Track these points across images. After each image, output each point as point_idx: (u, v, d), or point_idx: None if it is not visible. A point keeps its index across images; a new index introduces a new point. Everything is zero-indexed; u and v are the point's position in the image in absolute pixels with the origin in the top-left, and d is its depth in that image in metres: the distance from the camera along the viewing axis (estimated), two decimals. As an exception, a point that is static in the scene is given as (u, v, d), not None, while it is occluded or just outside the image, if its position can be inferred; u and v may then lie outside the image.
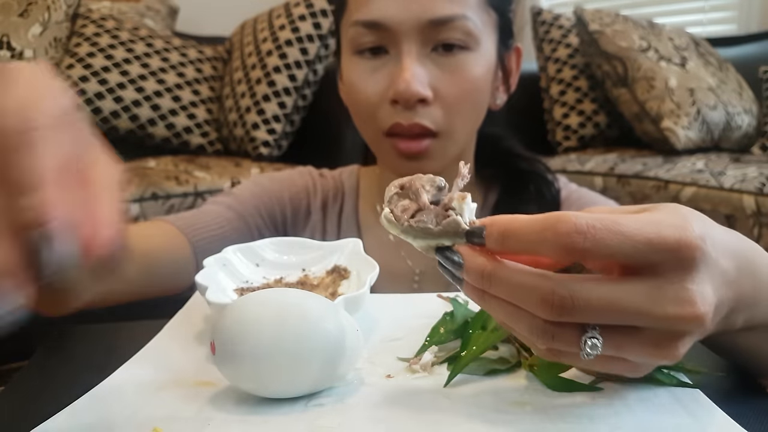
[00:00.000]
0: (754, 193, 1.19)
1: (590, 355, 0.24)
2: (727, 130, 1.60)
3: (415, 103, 0.50)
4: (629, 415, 0.26)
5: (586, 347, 0.24)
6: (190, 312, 0.40)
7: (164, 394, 0.30)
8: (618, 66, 1.60)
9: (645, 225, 0.23)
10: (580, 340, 0.24)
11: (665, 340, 0.24)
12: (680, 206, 0.25)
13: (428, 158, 0.52)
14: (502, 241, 0.25)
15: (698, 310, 0.23)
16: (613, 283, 0.23)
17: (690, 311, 0.23)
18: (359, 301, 0.35)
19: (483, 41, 0.52)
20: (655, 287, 0.23)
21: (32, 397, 0.32)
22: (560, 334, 0.24)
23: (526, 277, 0.24)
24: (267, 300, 0.29)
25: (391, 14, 0.50)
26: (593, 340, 0.23)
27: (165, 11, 1.86)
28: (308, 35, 1.54)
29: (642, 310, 0.23)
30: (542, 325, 0.24)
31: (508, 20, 0.57)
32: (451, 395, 0.29)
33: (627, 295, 0.23)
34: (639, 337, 0.24)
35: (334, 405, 0.28)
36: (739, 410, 0.27)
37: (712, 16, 2.03)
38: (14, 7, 1.50)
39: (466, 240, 0.26)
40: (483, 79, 0.53)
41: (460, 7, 0.50)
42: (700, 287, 0.23)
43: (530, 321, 0.24)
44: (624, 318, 0.23)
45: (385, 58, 0.51)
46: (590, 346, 0.24)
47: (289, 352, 0.27)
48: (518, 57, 0.60)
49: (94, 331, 0.42)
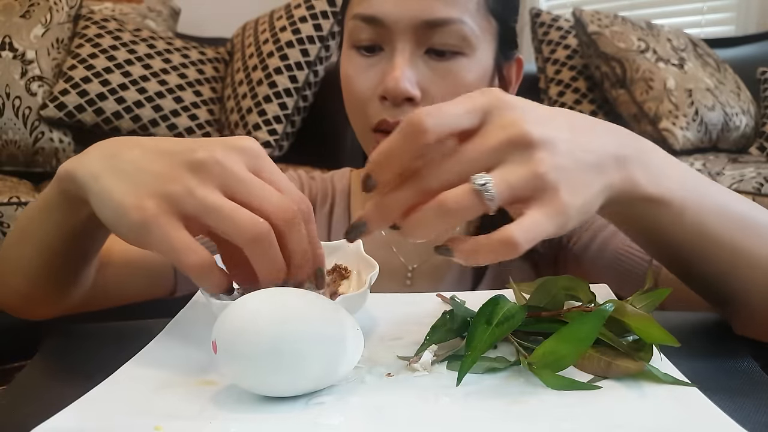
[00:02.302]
0: (752, 193, 1.19)
1: (488, 191, 0.27)
2: (725, 131, 1.60)
3: (403, 101, 0.50)
4: (628, 414, 0.27)
5: (479, 184, 0.27)
6: (191, 312, 0.40)
7: (166, 392, 0.30)
8: (616, 67, 1.61)
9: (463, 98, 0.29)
10: (471, 185, 0.27)
11: (523, 159, 0.28)
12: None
13: None
14: (384, 163, 0.28)
15: (522, 126, 0.28)
16: (457, 146, 0.29)
17: (513, 130, 0.28)
18: (359, 301, 0.36)
19: (479, 48, 0.52)
20: (483, 131, 0.28)
21: (32, 396, 0.33)
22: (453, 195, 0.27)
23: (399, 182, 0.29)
24: (268, 299, 0.29)
25: (389, 11, 0.50)
26: (476, 177, 0.27)
27: (167, 12, 1.86)
28: (309, 36, 1.54)
29: (483, 147, 0.28)
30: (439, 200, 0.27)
31: (510, 30, 0.56)
32: (450, 394, 0.29)
33: (468, 145, 0.28)
34: (503, 169, 0.28)
35: (334, 403, 0.28)
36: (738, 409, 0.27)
37: (710, 17, 2.03)
38: (16, 8, 1.51)
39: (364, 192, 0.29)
40: (475, 85, 0.52)
41: (457, 11, 0.50)
42: (518, 114, 0.29)
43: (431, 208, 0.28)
44: (476, 162, 0.28)
45: (380, 55, 0.52)
46: (479, 179, 0.27)
47: (290, 351, 0.27)
48: (519, 68, 0.59)
49: (95, 331, 0.42)
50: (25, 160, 1.47)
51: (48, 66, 1.50)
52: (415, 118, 0.27)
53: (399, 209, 0.29)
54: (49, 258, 0.40)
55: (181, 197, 0.30)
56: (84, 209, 0.35)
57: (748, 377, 0.32)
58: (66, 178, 0.35)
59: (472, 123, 0.29)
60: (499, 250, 0.27)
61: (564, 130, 0.29)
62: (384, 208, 0.29)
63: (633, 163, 0.31)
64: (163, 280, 0.52)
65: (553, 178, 0.28)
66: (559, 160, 0.28)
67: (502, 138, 0.28)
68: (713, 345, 0.37)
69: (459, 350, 0.33)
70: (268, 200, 0.31)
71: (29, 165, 1.48)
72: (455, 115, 0.28)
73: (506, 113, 0.29)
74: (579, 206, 0.29)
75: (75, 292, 0.44)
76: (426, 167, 0.28)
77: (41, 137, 1.46)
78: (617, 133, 0.32)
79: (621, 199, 0.31)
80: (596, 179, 0.30)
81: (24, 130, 1.45)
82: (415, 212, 0.28)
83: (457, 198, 0.27)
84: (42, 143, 1.46)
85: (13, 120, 1.44)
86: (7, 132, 1.44)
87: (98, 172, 0.33)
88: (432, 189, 0.28)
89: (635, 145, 0.32)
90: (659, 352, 0.31)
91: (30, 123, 1.45)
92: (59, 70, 1.51)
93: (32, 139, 1.45)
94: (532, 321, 0.33)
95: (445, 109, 0.28)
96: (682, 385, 0.29)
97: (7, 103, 1.43)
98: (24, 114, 1.45)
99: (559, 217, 0.28)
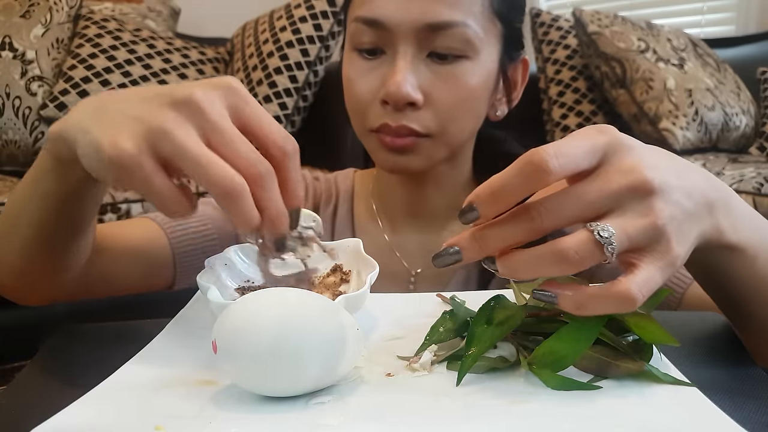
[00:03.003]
0: (752, 193, 1.19)
1: (611, 243, 0.26)
2: (725, 131, 1.60)
3: (405, 105, 0.50)
4: (628, 414, 0.27)
5: (601, 234, 0.26)
6: (191, 311, 0.40)
7: (166, 392, 0.30)
8: (616, 67, 1.61)
9: (581, 136, 0.28)
10: (593, 236, 0.26)
11: (643, 209, 0.27)
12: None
13: (414, 154, 0.52)
14: (494, 199, 0.27)
15: (643, 173, 0.27)
16: (573, 186, 0.28)
17: (634, 176, 0.27)
18: (360, 301, 0.36)
19: (483, 51, 0.51)
20: (603, 172, 0.28)
21: (33, 396, 0.33)
22: (574, 244, 0.26)
23: (507, 217, 0.28)
24: (268, 299, 0.29)
25: (390, 14, 0.49)
26: (599, 227, 0.27)
27: (167, 12, 1.86)
28: (309, 36, 1.54)
29: (602, 191, 0.27)
30: (557, 247, 0.27)
31: (515, 31, 0.56)
32: (450, 394, 0.29)
33: (586, 186, 0.28)
34: (622, 217, 0.27)
35: (334, 403, 0.28)
36: (738, 409, 0.27)
37: (710, 17, 2.03)
38: (16, 8, 1.51)
39: (462, 222, 0.28)
40: (479, 89, 0.52)
41: (460, 14, 0.49)
42: (637, 158, 0.28)
43: (547, 253, 0.27)
44: (595, 205, 0.27)
45: (382, 58, 0.51)
46: (602, 230, 0.26)
47: (290, 351, 0.27)
48: (525, 69, 0.59)
49: (95, 331, 0.42)
50: (25, 160, 1.47)
51: (48, 66, 1.50)
52: (536, 158, 0.26)
53: (502, 244, 0.28)
54: (41, 229, 0.40)
55: (158, 137, 0.30)
56: (74, 170, 0.35)
57: (748, 377, 0.32)
58: (55, 138, 0.34)
59: (591, 164, 0.28)
60: (614, 304, 0.27)
61: (673, 175, 0.29)
62: (485, 241, 0.28)
63: (720, 210, 0.31)
64: (162, 271, 0.52)
65: (668, 229, 0.27)
66: (672, 209, 0.28)
67: (623, 184, 0.27)
68: (713, 345, 0.37)
69: (459, 350, 0.33)
70: (241, 155, 0.30)
71: (29, 165, 1.46)
72: (577, 157, 0.27)
73: (626, 156, 0.28)
74: (683, 256, 0.28)
75: (70, 267, 0.44)
76: (540, 205, 0.27)
77: (41, 137, 1.46)
78: (706, 177, 0.31)
79: (705, 246, 0.31)
80: (694, 227, 0.29)
81: (24, 130, 1.45)
82: (523, 252, 0.28)
83: (577, 247, 0.26)
84: (42, 143, 1.46)
85: (13, 120, 1.44)
86: (7, 132, 1.44)
87: (86, 126, 0.32)
88: (545, 229, 0.27)
89: (721, 190, 0.32)
90: (659, 352, 0.31)
91: (30, 123, 1.45)
92: (59, 70, 1.51)
93: (32, 139, 1.45)
94: (532, 321, 0.33)
95: (566, 150, 0.27)
96: (682, 385, 0.29)
97: (7, 103, 1.43)
98: (24, 114, 1.45)
99: (669, 269, 0.28)
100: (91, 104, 0.34)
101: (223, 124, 0.31)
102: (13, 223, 0.42)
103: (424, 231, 0.59)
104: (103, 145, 0.30)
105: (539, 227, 0.27)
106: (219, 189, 0.29)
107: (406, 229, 0.60)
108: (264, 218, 0.31)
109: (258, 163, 0.30)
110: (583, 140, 0.28)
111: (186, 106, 0.30)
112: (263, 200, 0.31)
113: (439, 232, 0.59)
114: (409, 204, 0.59)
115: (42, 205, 0.39)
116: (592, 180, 0.28)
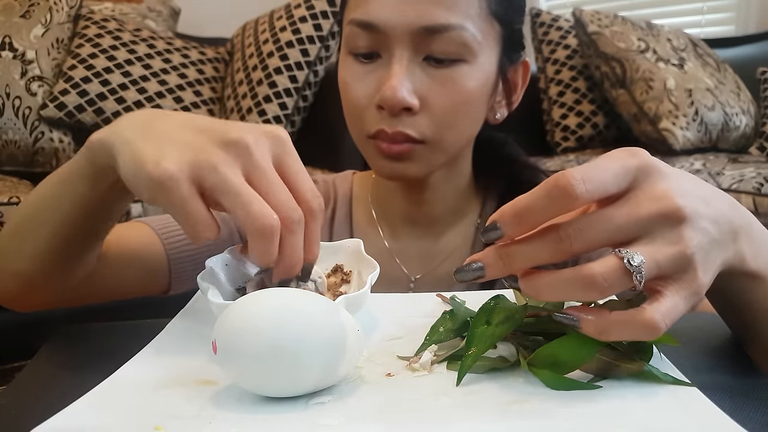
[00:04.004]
0: (752, 193, 1.19)
1: (640, 271, 0.26)
2: (725, 131, 1.60)
3: (401, 111, 0.49)
4: (628, 414, 0.27)
5: (631, 263, 0.26)
6: (191, 312, 0.40)
7: (166, 392, 0.30)
8: (616, 67, 1.61)
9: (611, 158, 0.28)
10: (623, 263, 0.26)
11: (673, 237, 0.27)
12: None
13: (411, 161, 0.51)
14: (519, 220, 0.27)
15: (673, 201, 0.27)
16: (603, 209, 0.28)
17: (665, 203, 0.27)
18: (360, 301, 0.36)
19: (481, 53, 0.50)
20: (633, 196, 0.28)
21: (32, 396, 0.33)
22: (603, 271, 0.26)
23: (534, 236, 0.27)
24: (268, 300, 0.29)
25: (386, 17, 0.48)
26: (629, 254, 0.26)
27: (167, 12, 1.86)
28: (309, 36, 1.54)
29: (632, 217, 0.27)
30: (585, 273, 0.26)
31: (515, 33, 0.54)
32: (450, 394, 0.29)
33: (616, 210, 0.27)
34: (652, 244, 0.27)
35: (334, 403, 0.28)
36: (738, 409, 0.27)
37: (710, 17, 2.03)
38: (16, 8, 1.51)
39: (484, 240, 0.28)
40: (477, 93, 0.51)
41: (458, 17, 0.48)
42: (668, 184, 0.28)
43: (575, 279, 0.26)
44: (624, 230, 0.27)
45: (378, 62, 0.50)
46: (632, 258, 0.26)
47: (290, 351, 0.27)
48: (525, 71, 0.57)
49: (95, 331, 0.42)
50: (25, 160, 1.47)
51: (48, 66, 1.50)
52: (563, 182, 0.26)
53: (527, 264, 0.28)
54: (64, 233, 0.40)
55: (204, 168, 0.31)
56: (108, 179, 0.36)
57: (748, 377, 0.32)
58: (97, 145, 0.35)
59: (620, 188, 0.28)
60: (637, 331, 0.27)
61: (702, 202, 0.28)
62: (510, 259, 0.28)
63: (743, 237, 0.30)
64: (157, 277, 0.52)
65: (696, 258, 0.27)
66: (701, 238, 0.28)
67: (653, 210, 0.27)
68: (714, 345, 0.37)
69: (459, 350, 0.33)
70: (280, 199, 0.32)
71: (29, 165, 1.48)
72: (606, 182, 0.27)
73: (657, 182, 0.28)
74: (707, 285, 0.28)
75: (76, 277, 0.44)
76: (569, 227, 0.27)
77: (41, 137, 1.46)
78: (731, 203, 0.31)
79: (727, 272, 0.30)
80: (719, 255, 0.29)
81: (24, 130, 1.45)
82: (550, 275, 0.27)
83: (606, 274, 0.26)
84: (42, 143, 1.46)
85: (13, 120, 1.44)
86: (7, 132, 1.44)
87: (130, 138, 0.33)
88: (573, 251, 0.27)
89: (744, 216, 0.31)
90: (659, 352, 0.31)
91: (30, 123, 1.45)
92: (59, 70, 1.51)
93: (32, 139, 1.45)
94: (532, 321, 0.33)
95: (594, 174, 0.27)
96: (682, 385, 0.29)
97: (7, 103, 1.43)
98: (24, 114, 1.45)
99: (694, 298, 0.28)
100: (140, 119, 0.35)
101: (268, 167, 0.32)
102: (32, 226, 0.41)
103: (424, 237, 0.59)
104: (146, 161, 0.31)
105: (567, 249, 0.27)
106: (257, 224, 0.31)
107: (406, 234, 0.59)
108: (281, 261, 0.32)
109: (294, 210, 0.32)
110: (613, 163, 0.28)
111: (236, 147, 0.32)
112: (287, 245, 0.32)
113: (439, 238, 0.59)
114: (409, 210, 0.58)
115: (68, 209, 0.39)
116: (622, 204, 0.27)
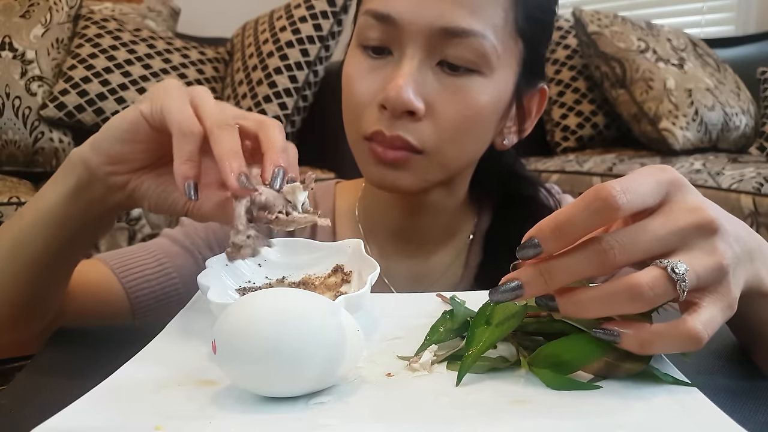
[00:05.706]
0: (751, 193, 1.19)
1: (684, 280, 0.26)
2: (724, 131, 1.60)
3: (403, 113, 0.45)
4: (628, 414, 0.27)
5: (676, 271, 0.26)
6: (191, 312, 0.40)
7: (166, 392, 0.30)
8: (616, 67, 1.61)
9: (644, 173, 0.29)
10: (667, 273, 0.26)
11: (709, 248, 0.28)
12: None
13: (405, 170, 0.47)
14: (560, 234, 0.27)
15: (707, 213, 0.28)
16: (643, 222, 0.28)
17: (700, 215, 0.28)
18: (360, 301, 0.36)
19: (498, 69, 0.47)
20: (668, 210, 0.28)
21: (32, 396, 0.33)
22: (648, 281, 0.26)
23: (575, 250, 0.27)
24: (268, 300, 0.29)
25: (404, 11, 0.45)
26: (672, 263, 0.26)
27: (166, 12, 1.86)
28: (309, 36, 1.54)
29: (671, 228, 0.28)
30: (631, 284, 0.26)
31: (538, 57, 0.51)
32: (450, 394, 0.29)
33: (655, 221, 0.28)
34: (690, 255, 0.27)
35: (334, 403, 0.28)
36: (738, 409, 0.27)
37: (710, 17, 2.03)
38: (16, 8, 1.51)
39: (520, 257, 0.28)
40: (488, 110, 0.48)
41: (480, 23, 0.45)
42: (698, 197, 0.29)
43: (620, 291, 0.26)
44: (663, 241, 0.27)
45: (388, 59, 0.47)
46: (677, 267, 0.26)
47: (290, 351, 0.27)
48: (542, 100, 0.54)
49: (95, 331, 0.42)
50: (25, 160, 1.47)
51: (48, 66, 1.50)
52: (604, 193, 0.26)
53: (570, 279, 0.27)
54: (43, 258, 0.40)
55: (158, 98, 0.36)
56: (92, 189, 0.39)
57: (748, 379, 0.32)
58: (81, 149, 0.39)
59: (656, 201, 0.28)
60: (680, 343, 0.27)
61: (725, 219, 0.29)
62: (552, 274, 0.27)
63: (758, 258, 0.31)
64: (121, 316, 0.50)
65: (730, 270, 0.28)
66: (732, 251, 0.28)
67: (690, 221, 0.28)
68: (714, 345, 0.37)
69: (459, 350, 0.33)
70: (209, 111, 0.36)
71: (29, 165, 1.48)
72: (644, 194, 0.27)
73: (688, 195, 0.29)
74: (737, 299, 0.28)
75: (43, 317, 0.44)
76: (612, 239, 0.27)
77: (41, 137, 1.46)
78: (744, 226, 0.31)
79: (745, 293, 0.30)
80: (743, 272, 0.29)
81: (24, 130, 1.45)
82: (593, 289, 0.27)
83: (652, 284, 0.26)
84: (42, 143, 1.46)
85: (13, 120, 1.44)
86: (7, 132, 1.44)
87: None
88: (617, 264, 0.27)
89: (758, 240, 0.32)
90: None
91: (30, 123, 1.45)
92: (59, 70, 1.51)
93: (32, 139, 1.46)
94: (532, 321, 0.33)
95: (633, 186, 0.27)
96: (682, 385, 0.29)
97: (7, 103, 1.43)
98: (24, 114, 1.45)
99: (729, 311, 0.28)
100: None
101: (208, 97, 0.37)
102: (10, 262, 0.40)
103: (414, 256, 0.56)
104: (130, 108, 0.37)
105: (612, 261, 0.27)
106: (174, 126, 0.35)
107: (395, 253, 0.56)
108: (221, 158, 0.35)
109: (226, 117, 0.36)
110: (647, 177, 0.28)
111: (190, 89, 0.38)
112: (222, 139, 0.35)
113: (430, 257, 0.56)
114: (400, 228, 0.56)
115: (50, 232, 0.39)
116: (659, 216, 0.28)
